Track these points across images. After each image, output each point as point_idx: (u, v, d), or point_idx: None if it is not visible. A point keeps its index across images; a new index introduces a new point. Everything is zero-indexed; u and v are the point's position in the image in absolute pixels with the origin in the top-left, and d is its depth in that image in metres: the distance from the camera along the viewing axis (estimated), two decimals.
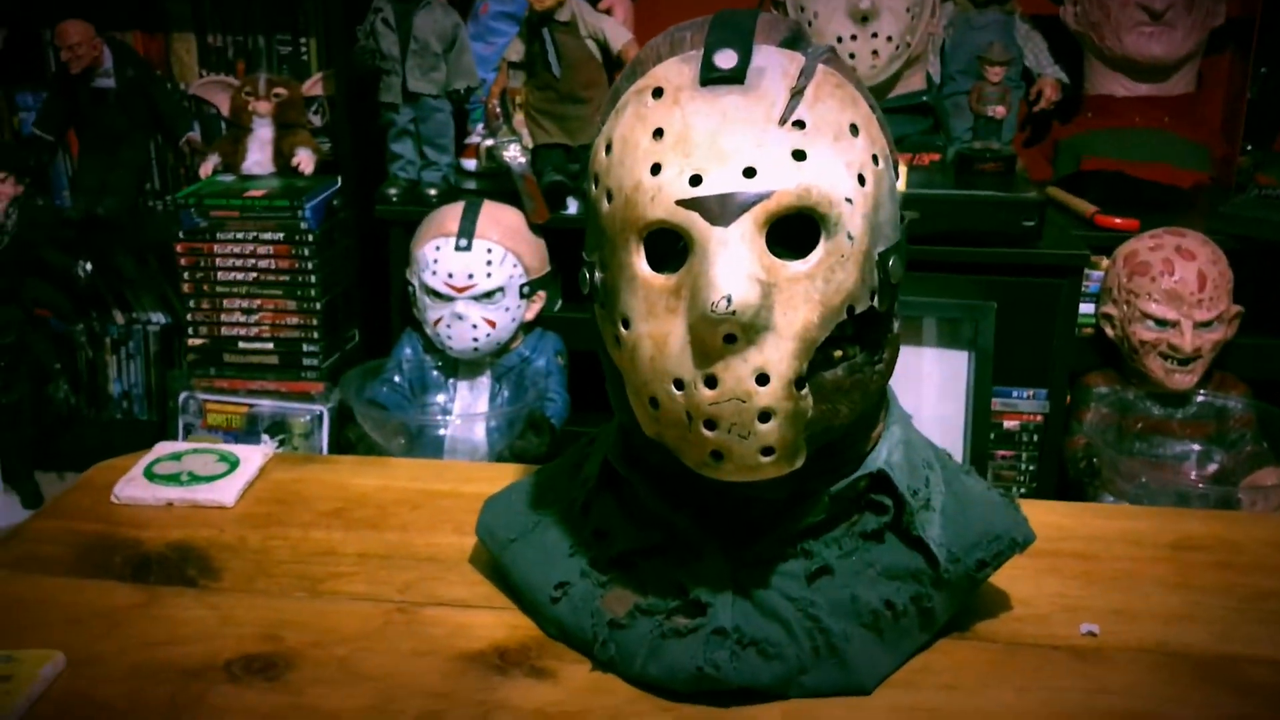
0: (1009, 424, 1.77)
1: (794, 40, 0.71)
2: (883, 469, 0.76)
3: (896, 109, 1.95)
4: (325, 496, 1.07)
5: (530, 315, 1.79)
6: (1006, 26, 2.13)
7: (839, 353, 0.69)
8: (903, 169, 1.62)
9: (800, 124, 0.67)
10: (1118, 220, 1.85)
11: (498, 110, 1.92)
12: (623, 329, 0.71)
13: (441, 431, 1.77)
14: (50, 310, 2.35)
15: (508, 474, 1.09)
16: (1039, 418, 1.76)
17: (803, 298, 0.66)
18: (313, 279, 1.86)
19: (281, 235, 1.85)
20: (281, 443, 1.88)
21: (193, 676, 0.78)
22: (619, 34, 1.82)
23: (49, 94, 2.28)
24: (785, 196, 0.66)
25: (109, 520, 1.02)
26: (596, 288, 0.73)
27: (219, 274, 1.88)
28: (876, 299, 0.70)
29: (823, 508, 0.76)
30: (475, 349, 1.76)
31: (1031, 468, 1.79)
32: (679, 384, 0.68)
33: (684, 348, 0.67)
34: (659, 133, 0.68)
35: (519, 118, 1.90)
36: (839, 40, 1.85)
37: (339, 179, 1.98)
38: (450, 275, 1.73)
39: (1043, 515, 0.97)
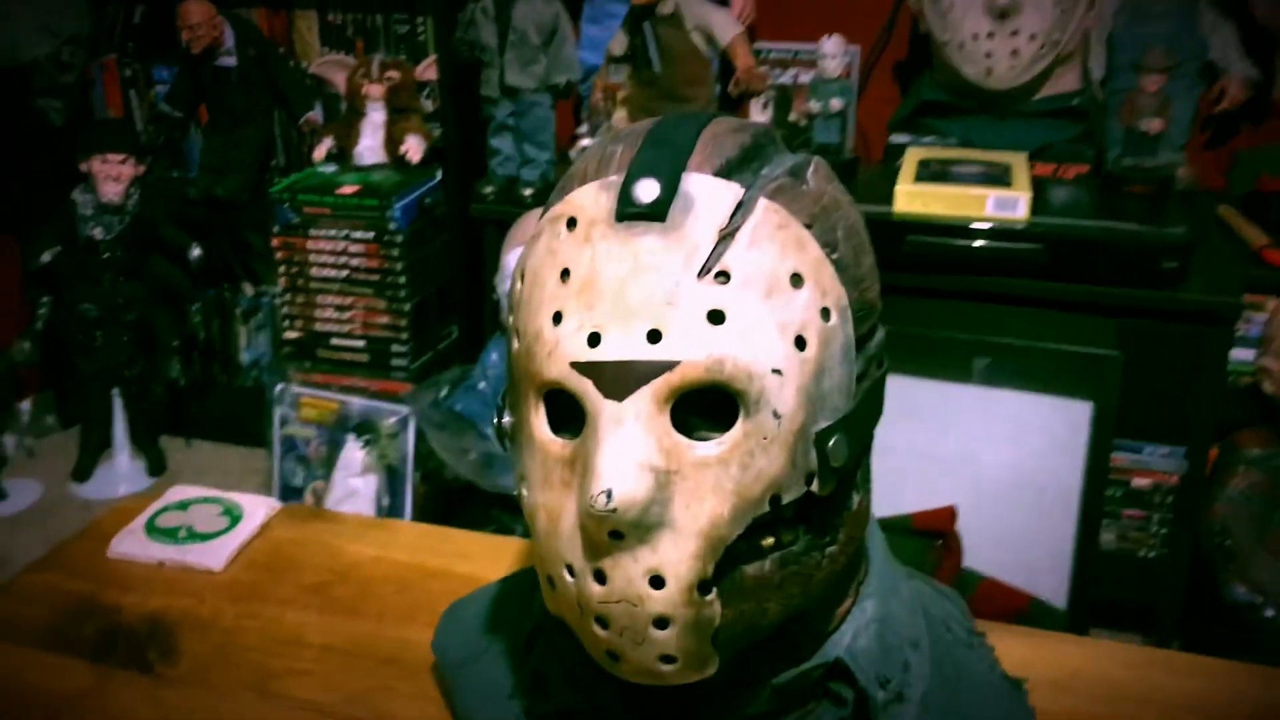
0: (1138, 482, 1.60)
1: (744, 161, 0.61)
2: (841, 659, 0.67)
3: (1042, 113, 1.77)
4: (315, 565, 1.04)
5: None
6: (1188, 15, 1.89)
7: (769, 540, 0.60)
8: (1024, 196, 1.46)
9: (724, 276, 0.58)
10: None
11: (602, 105, 1.85)
12: (523, 489, 0.63)
13: None
14: (173, 285, 2.43)
15: (507, 552, 1.04)
16: (1174, 478, 1.58)
17: (711, 487, 0.57)
18: (401, 279, 1.85)
19: (371, 234, 1.83)
20: (368, 443, 1.88)
21: None
22: (727, 27, 1.71)
23: (178, 70, 2.33)
24: (692, 370, 0.56)
25: (98, 579, 1.02)
26: (504, 432, 0.66)
27: (313, 269, 1.89)
28: (816, 484, 0.60)
29: (765, 699, 0.67)
30: None
31: (1164, 531, 1.62)
32: (570, 570, 0.60)
33: (575, 531, 0.59)
34: (565, 274, 0.60)
35: (619, 115, 1.82)
36: (974, 38, 1.69)
37: (439, 173, 1.94)
38: None
39: (1074, 657, 0.84)
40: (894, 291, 0.73)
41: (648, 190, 0.60)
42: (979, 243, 1.55)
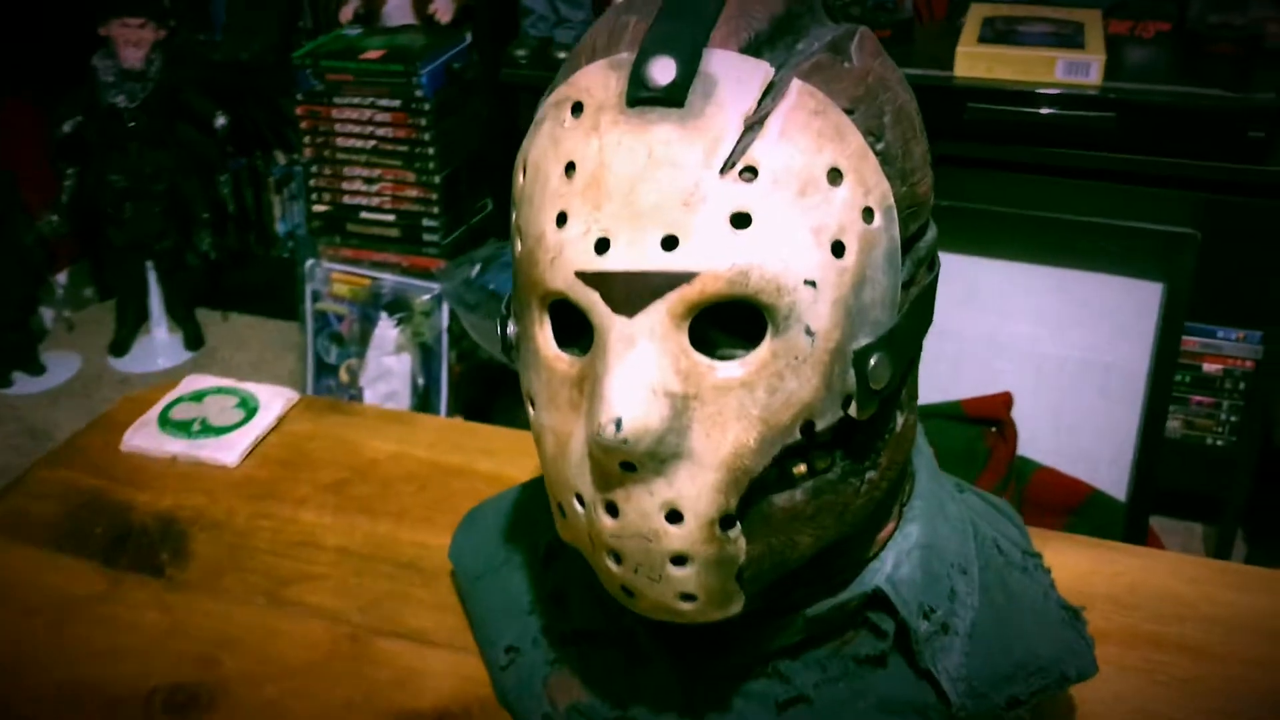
0: (1209, 367, 1.53)
1: (775, 34, 0.54)
2: (880, 588, 0.62)
3: None
4: (333, 462, 1.01)
5: None
6: None
7: (800, 467, 0.55)
8: (1098, 60, 1.35)
9: (750, 172, 0.52)
10: None
11: None
12: (529, 407, 0.59)
13: None
14: (201, 154, 2.38)
15: (533, 449, 1.01)
16: (1249, 364, 1.50)
17: (734, 413, 0.52)
18: (430, 150, 1.78)
19: (398, 102, 1.76)
20: (401, 321, 1.86)
21: (109, 708, 0.75)
22: None
23: None
24: (713, 282, 0.51)
25: (109, 474, 1.00)
26: (509, 342, 0.61)
27: (338, 139, 1.83)
28: (854, 408, 0.55)
29: (798, 629, 0.63)
30: None
31: (1233, 418, 1.55)
32: (580, 500, 0.56)
33: (585, 457, 0.55)
34: (570, 168, 0.54)
35: None
36: None
37: (468, 35, 1.86)
38: None
39: (1134, 569, 0.79)
40: (953, 163, 0.67)
41: (663, 70, 0.53)
42: (1047, 110, 1.45)
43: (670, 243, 0.51)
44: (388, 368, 1.85)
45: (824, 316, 0.53)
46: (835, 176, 0.53)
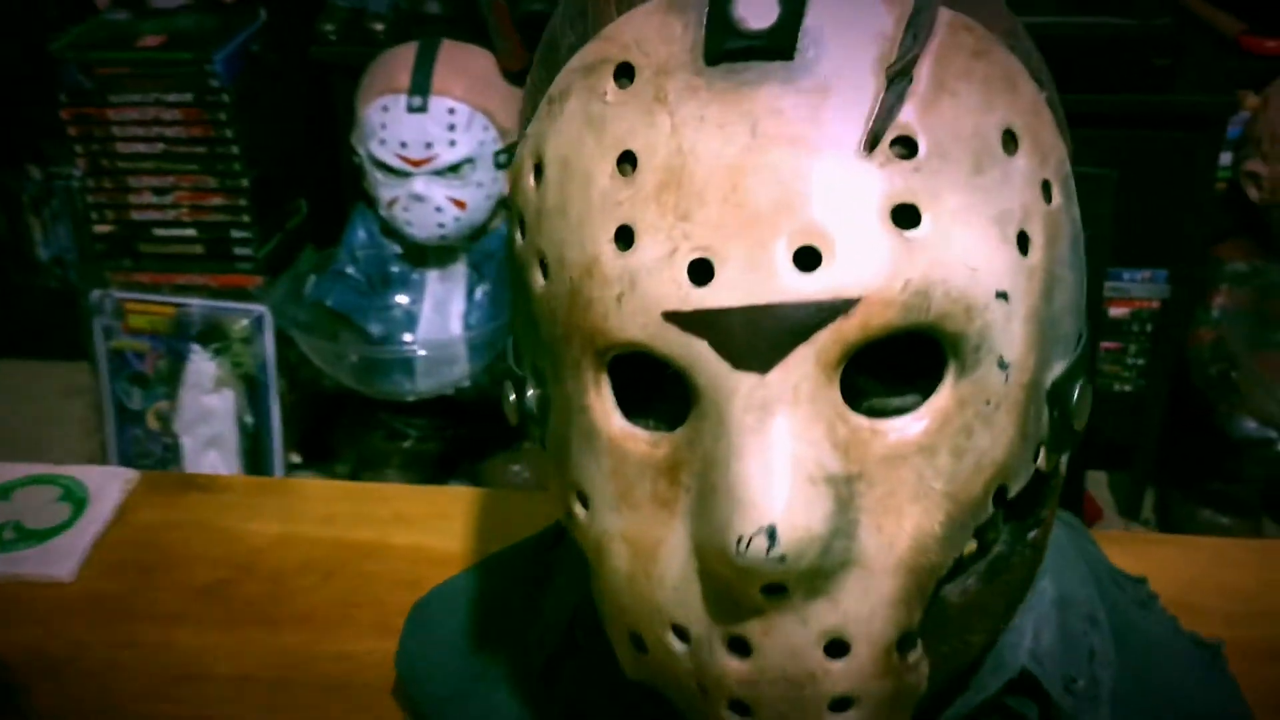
0: (1115, 311, 1.49)
1: None
2: (1026, 669, 0.49)
3: None
4: (203, 557, 0.82)
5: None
6: None
7: (970, 545, 0.41)
8: None
9: (905, 145, 0.37)
10: (1271, 44, 1.51)
11: None
12: (578, 507, 0.42)
13: (407, 339, 1.51)
14: None
15: (456, 508, 0.84)
16: (1155, 304, 1.46)
17: (912, 491, 0.38)
18: (233, 149, 1.59)
19: (190, 96, 1.55)
20: (218, 352, 1.65)
21: None
22: None
23: None
24: (881, 309, 0.36)
25: None
26: (531, 415, 0.44)
27: (119, 145, 1.61)
28: (1042, 457, 0.41)
29: None
30: (442, 236, 1.49)
31: (1140, 362, 1.51)
32: (681, 633, 0.40)
33: (689, 575, 0.39)
34: (628, 161, 0.39)
35: None
36: None
37: (262, 12, 1.65)
38: (404, 145, 1.44)
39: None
40: None
41: (760, 7, 0.37)
42: None
43: (809, 258, 0.36)
44: (207, 408, 1.65)
45: (1018, 340, 0.39)
46: (1010, 141, 0.39)
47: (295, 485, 0.93)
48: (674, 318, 0.37)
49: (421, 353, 1.45)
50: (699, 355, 0.37)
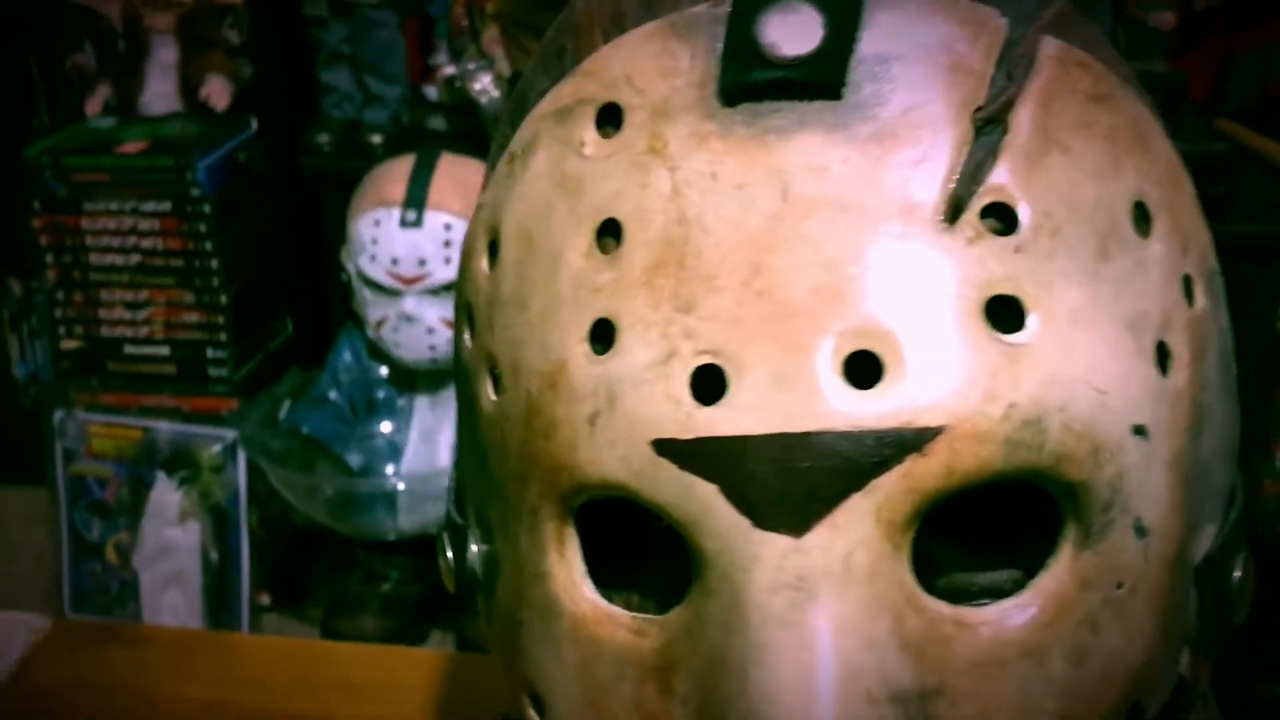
0: None
1: None
2: None
3: None
4: None
5: None
6: None
7: None
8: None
9: (1001, 216, 0.27)
10: None
11: (465, 23, 1.55)
12: (531, 713, 0.31)
13: (390, 471, 1.41)
14: None
15: (416, 675, 0.74)
16: None
17: (1014, 714, 0.26)
18: (213, 263, 1.51)
19: (169, 205, 1.49)
20: (185, 481, 1.55)
21: None
22: None
23: None
24: (973, 445, 0.26)
25: None
26: (474, 580, 0.34)
27: (91, 255, 1.55)
28: (1186, 660, 0.30)
29: None
30: (433, 359, 1.41)
31: None
32: None
33: None
34: (611, 232, 0.30)
35: (490, 33, 1.52)
36: None
37: (254, 122, 1.61)
38: (395, 262, 1.37)
39: None
40: None
41: (797, 29, 0.28)
42: None
43: (866, 369, 0.26)
44: (170, 542, 1.55)
45: (1160, 495, 0.29)
46: (1142, 219, 0.30)
47: (231, 641, 0.82)
48: (670, 449, 0.27)
49: (403, 486, 1.34)
50: (705, 505, 0.27)
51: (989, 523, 0.31)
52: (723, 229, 0.28)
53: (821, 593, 0.26)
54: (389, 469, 1.43)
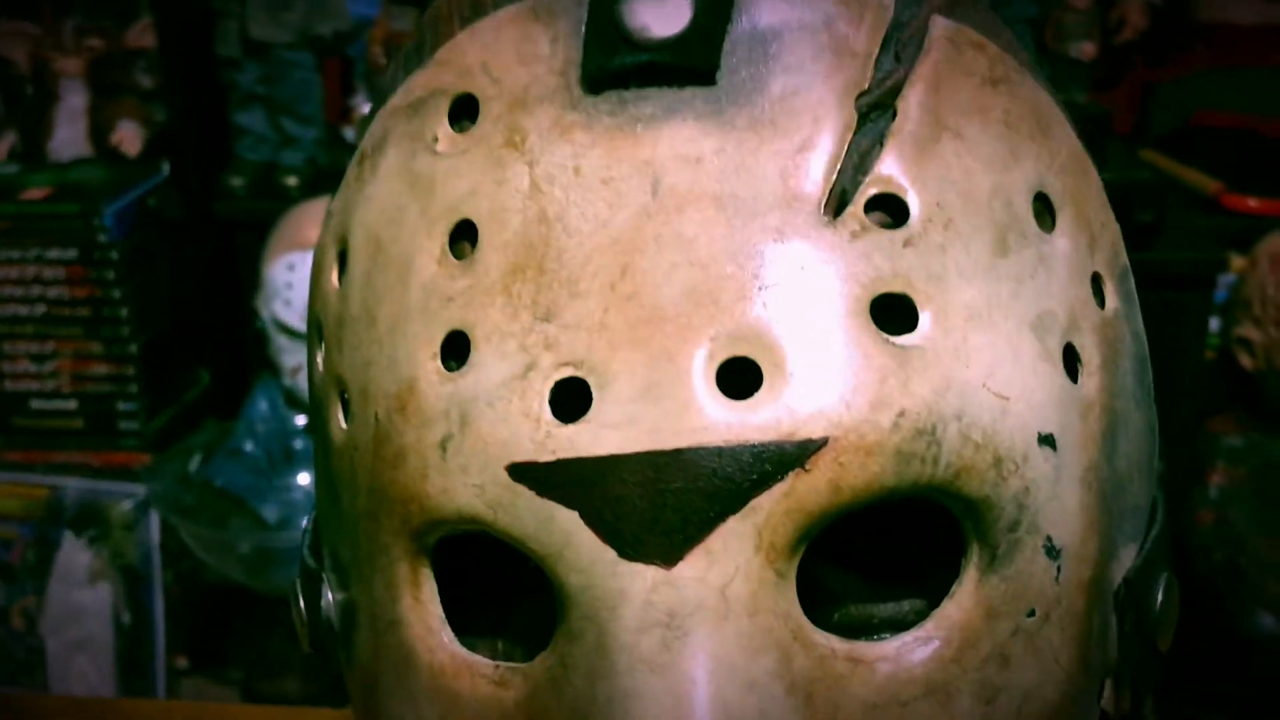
0: None
1: None
2: None
3: None
4: None
5: None
6: None
7: None
8: None
9: (889, 209, 0.25)
10: (1253, 202, 1.45)
11: (383, 62, 1.55)
12: None
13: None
14: None
15: None
16: None
17: None
18: (122, 312, 1.47)
19: (75, 252, 1.45)
20: (94, 540, 1.50)
21: None
22: None
23: None
24: (861, 457, 0.23)
25: None
26: (329, 630, 0.30)
27: None
28: (1108, 694, 0.28)
29: None
30: None
31: None
32: None
33: None
34: (466, 234, 0.27)
35: None
36: None
37: (165, 166, 1.58)
38: None
39: None
40: None
41: (665, 8, 0.25)
42: None
43: (744, 378, 0.24)
44: (78, 605, 1.49)
45: (1072, 512, 0.26)
46: (1044, 211, 0.27)
47: (118, 706, 0.77)
48: (527, 474, 0.24)
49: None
50: (566, 536, 0.24)
51: (891, 548, 0.29)
52: (587, 228, 0.25)
53: (695, 629, 0.23)
54: (306, 522, 1.39)
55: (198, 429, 1.53)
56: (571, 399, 0.25)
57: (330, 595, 0.31)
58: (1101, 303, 0.29)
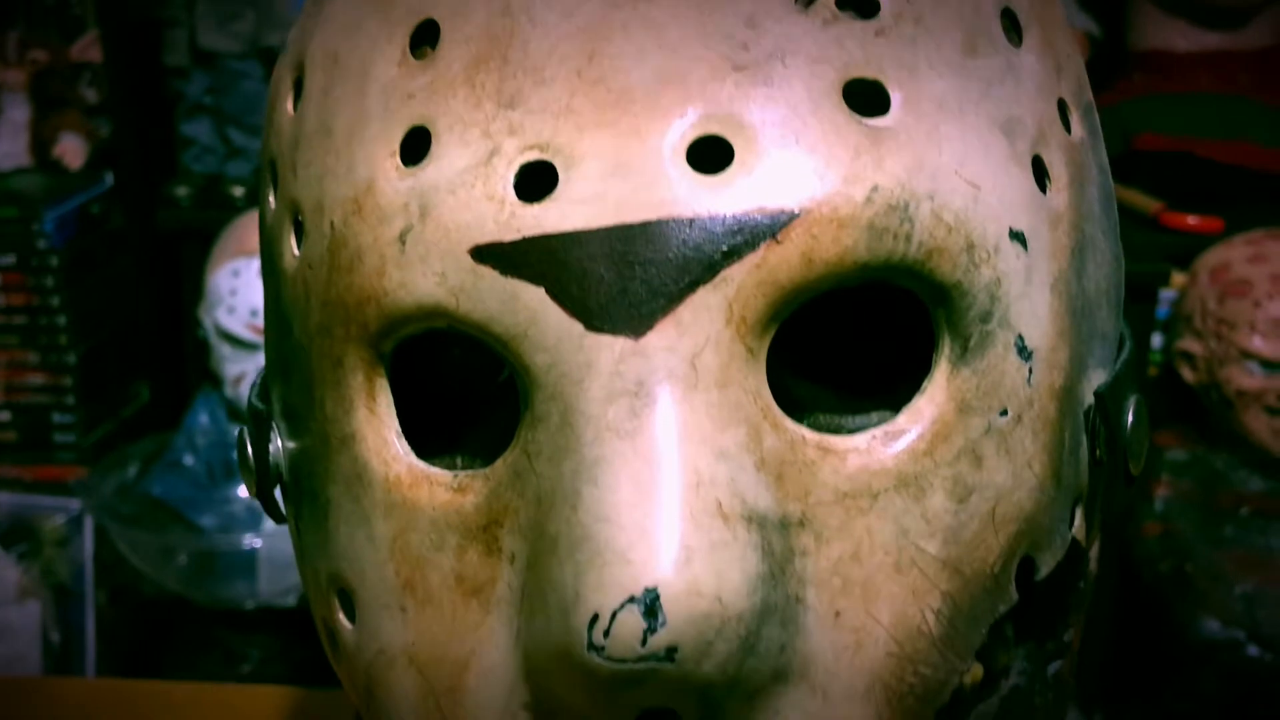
0: None
1: None
2: None
3: None
4: None
5: None
6: None
7: (975, 671, 0.26)
8: None
9: (860, 5, 0.24)
10: (1192, 220, 1.49)
11: None
12: (340, 618, 0.27)
13: (249, 542, 1.33)
14: None
15: (258, 708, 0.68)
16: None
17: (888, 556, 0.23)
18: (60, 320, 1.44)
19: (13, 259, 1.43)
20: (24, 555, 1.45)
21: None
22: None
23: None
24: (834, 229, 0.23)
25: None
26: (277, 478, 0.29)
27: None
28: (1079, 520, 0.27)
29: None
30: None
31: None
32: None
33: (518, 712, 0.23)
34: (428, 37, 0.27)
35: None
36: None
37: (108, 177, 1.55)
38: (254, 313, 1.32)
39: None
40: None
41: None
42: None
43: (715, 154, 0.23)
44: (5, 623, 1.45)
45: (1044, 318, 0.26)
46: (1012, 27, 0.27)
47: (42, 685, 0.75)
48: (491, 254, 0.23)
49: (260, 543, 1.26)
50: (532, 314, 0.23)
51: (862, 364, 0.28)
52: (552, 18, 0.25)
53: (664, 397, 0.22)
54: (247, 536, 1.35)
55: (137, 442, 1.50)
56: (537, 182, 0.24)
57: (280, 442, 0.30)
58: (1068, 128, 0.29)
